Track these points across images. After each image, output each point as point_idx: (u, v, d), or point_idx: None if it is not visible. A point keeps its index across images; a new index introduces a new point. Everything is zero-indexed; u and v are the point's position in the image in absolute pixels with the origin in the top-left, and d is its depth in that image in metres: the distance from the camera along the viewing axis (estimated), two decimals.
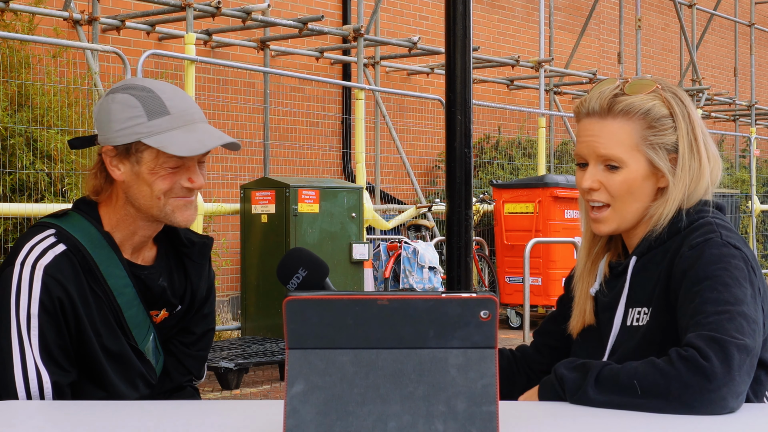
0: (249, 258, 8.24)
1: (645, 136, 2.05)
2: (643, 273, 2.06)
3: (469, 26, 3.57)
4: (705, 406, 1.71)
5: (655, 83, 2.09)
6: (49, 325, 2.17)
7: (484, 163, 13.12)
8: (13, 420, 1.86)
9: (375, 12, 11.44)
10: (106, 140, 2.26)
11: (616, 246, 2.19)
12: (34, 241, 2.23)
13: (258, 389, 7.28)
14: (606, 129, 2.07)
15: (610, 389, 1.77)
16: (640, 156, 2.06)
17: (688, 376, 1.72)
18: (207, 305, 2.49)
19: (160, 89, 2.27)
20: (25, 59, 7.88)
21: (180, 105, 2.26)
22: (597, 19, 16.14)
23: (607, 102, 2.07)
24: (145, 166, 2.24)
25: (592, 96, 2.10)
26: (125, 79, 2.36)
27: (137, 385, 2.32)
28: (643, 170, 2.06)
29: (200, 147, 2.23)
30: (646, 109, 2.05)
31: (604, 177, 2.08)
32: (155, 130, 2.22)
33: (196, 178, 2.28)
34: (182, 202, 2.28)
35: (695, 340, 1.77)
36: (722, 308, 1.82)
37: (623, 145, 2.05)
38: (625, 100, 2.06)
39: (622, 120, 2.06)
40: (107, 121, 2.26)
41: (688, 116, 2.07)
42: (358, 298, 1.47)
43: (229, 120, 10.44)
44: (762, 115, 19.05)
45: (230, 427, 1.73)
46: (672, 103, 2.07)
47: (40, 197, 7.38)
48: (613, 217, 2.09)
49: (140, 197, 2.26)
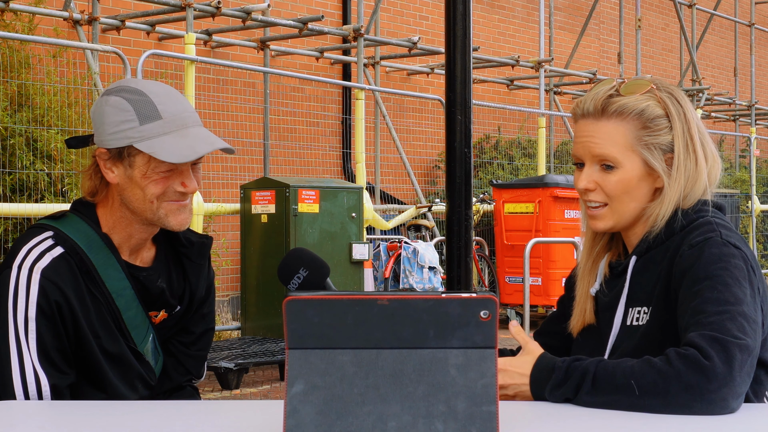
0: (249, 258, 8.24)
1: (639, 137, 2.06)
2: (643, 272, 2.06)
3: (469, 26, 3.57)
4: (705, 406, 1.71)
5: (651, 83, 2.09)
6: (46, 329, 2.16)
7: (484, 163, 13.12)
8: (12, 420, 1.86)
9: (375, 12, 11.44)
10: (100, 142, 2.26)
11: (617, 246, 2.19)
12: (31, 243, 2.22)
13: (258, 389, 7.28)
14: (601, 129, 2.07)
15: (607, 390, 1.77)
16: (635, 156, 2.06)
17: (689, 375, 1.72)
18: (206, 305, 2.48)
19: (152, 92, 2.25)
20: (25, 59, 7.88)
21: (172, 109, 2.24)
22: (597, 19, 16.14)
23: (601, 103, 2.07)
24: (137, 170, 2.23)
25: (588, 97, 2.11)
26: (121, 80, 2.34)
27: (136, 387, 2.32)
28: (638, 170, 2.07)
29: (191, 153, 2.21)
30: (640, 109, 2.06)
31: (599, 177, 2.09)
32: (147, 134, 2.20)
33: (189, 182, 2.26)
34: (175, 206, 2.27)
35: (697, 340, 1.77)
36: (723, 308, 1.82)
37: (618, 146, 2.06)
38: (619, 101, 2.07)
39: (616, 120, 2.06)
40: (101, 124, 2.25)
41: (684, 116, 2.07)
42: (358, 298, 1.47)
43: (229, 120, 10.44)
44: (762, 115, 19.05)
45: (230, 427, 1.73)
46: (667, 102, 2.07)
47: (40, 197, 7.38)
48: (610, 214, 2.10)
49: (134, 200, 2.25)
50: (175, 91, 2.33)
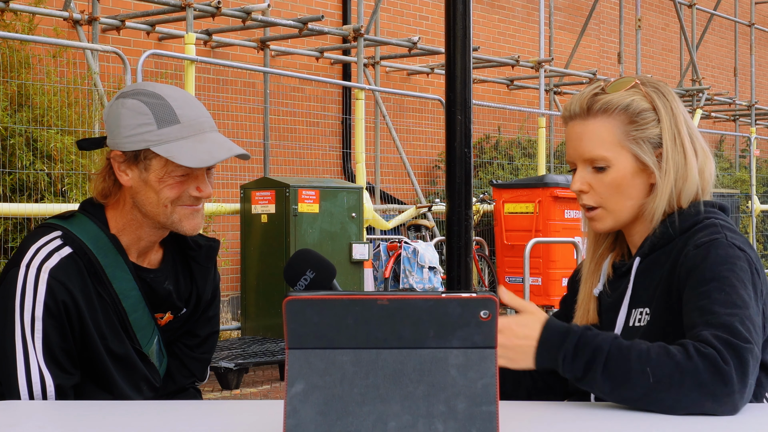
0: (249, 258, 8.24)
1: (627, 132, 2.05)
2: (646, 274, 2.06)
3: (469, 26, 3.57)
4: (716, 408, 1.70)
5: (635, 80, 2.10)
6: (53, 329, 2.16)
7: (484, 163, 13.12)
8: (13, 420, 1.86)
9: (375, 12, 11.44)
10: (115, 144, 2.25)
11: (621, 246, 2.19)
12: (40, 242, 2.22)
13: (258, 389, 7.28)
14: (588, 129, 2.07)
15: (619, 375, 1.73)
16: (625, 152, 2.05)
17: (706, 374, 1.70)
18: (212, 308, 2.48)
19: (170, 96, 2.24)
20: (25, 59, 7.88)
21: (190, 114, 2.24)
22: (597, 19, 16.14)
23: (586, 102, 2.08)
24: (153, 174, 2.22)
25: (574, 99, 2.12)
26: (135, 82, 2.34)
27: (141, 388, 2.31)
28: (630, 167, 2.06)
29: (209, 158, 2.21)
30: (625, 104, 2.05)
31: (592, 178, 2.08)
32: (164, 138, 2.20)
33: (204, 187, 2.26)
34: (189, 211, 2.27)
35: (714, 341, 1.75)
36: (732, 311, 1.82)
37: (606, 143, 2.05)
38: (604, 98, 2.07)
39: (602, 118, 2.06)
40: (116, 126, 2.24)
41: (671, 110, 2.07)
42: (358, 298, 1.47)
43: (229, 120, 10.44)
44: (762, 115, 19.05)
45: (230, 427, 1.73)
46: (653, 96, 2.07)
47: (40, 197, 7.38)
48: (606, 215, 2.09)
49: (147, 204, 2.25)
50: (192, 95, 2.33)
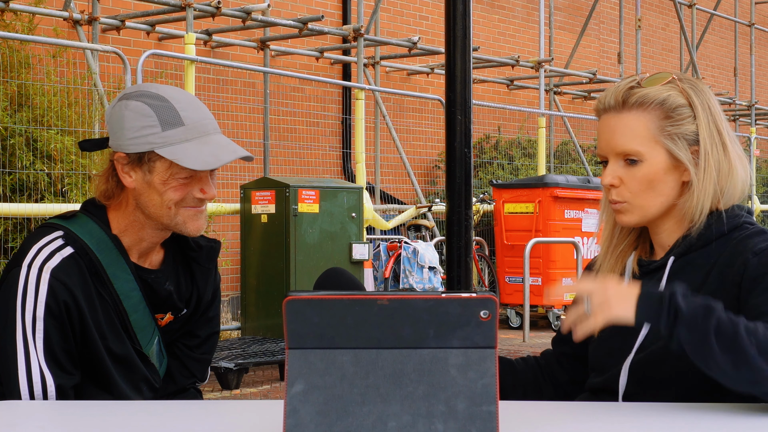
0: (249, 258, 8.24)
1: (662, 127, 2.02)
2: (680, 274, 2.02)
3: (469, 26, 3.57)
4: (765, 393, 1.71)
5: (672, 75, 2.06)
6: (54, 329, 2.16)
7: (484, 163, 13.11)
8: (13, 420, 1.86)
9: (375, 12, 11.44)
10: (118, 146, 2.25)
11: (644, 243, 2.15)
12: (41, 242, 2.22)
13: (258, 389, 7.28)
14: (622, 122, 2.04)
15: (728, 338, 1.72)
16: (658, 148, 2.02)
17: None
18: (212, 309, 2.48)
19: (174, 98, 2.24)
20: (25, 59, 7.88)
21: (194, 116, 2.24)
22: (597, 19, 16.14)
23: (622, 95, 2.04)
24: (157, 176, 2.23)
25: (609, 91, 2.07)
26: (137, 84, 2.34)
27: (141, 389, 2.32)
28: (663, 163, 2.03)
29: (214, 161, 2.21)
30: (661, 99, 2.02)
31: (624, 172, 2.05)
32: (169, 140, 2.20)
33: (208, 189, 2.26)
34: (193, 212, 2.27)
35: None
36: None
37: (640, 137, 2.02)
38: (640, 92, 2.03)
39: (637, 112, 2.03)
40: (120, 128, 2.24)
41: (709, 107, 2.03)
42: (358, 298, 1.47)
43: (229, 120, 10.44)
44: (762, 115, 19.05)
45: (230, 427, 1.73)
46: (690, 92, 2.03)
47: (40, 197, 7.38)
48: (633, 210, 2.05)
49: (151, 205, 2.25)
50: (195, 97, 2.33)
